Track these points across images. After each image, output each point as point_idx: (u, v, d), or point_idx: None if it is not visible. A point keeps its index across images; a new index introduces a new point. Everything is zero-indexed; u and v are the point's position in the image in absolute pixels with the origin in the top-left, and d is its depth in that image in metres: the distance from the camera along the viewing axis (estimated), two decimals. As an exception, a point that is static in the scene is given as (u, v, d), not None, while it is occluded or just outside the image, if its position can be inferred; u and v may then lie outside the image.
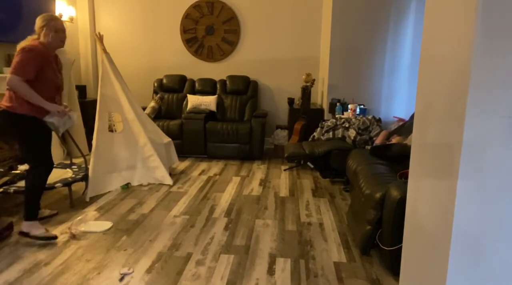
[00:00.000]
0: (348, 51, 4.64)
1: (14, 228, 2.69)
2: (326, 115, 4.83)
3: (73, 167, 3.53)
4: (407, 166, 1.76)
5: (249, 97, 5.34)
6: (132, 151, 3.78)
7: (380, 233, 2.30)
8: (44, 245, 2.51)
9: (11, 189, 2.91)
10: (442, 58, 1.36)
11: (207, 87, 5.40)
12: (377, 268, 2.29)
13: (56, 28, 2.55)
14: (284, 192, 3.68)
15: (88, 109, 5.02)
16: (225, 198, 3.49)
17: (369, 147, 3.47)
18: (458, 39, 1.23)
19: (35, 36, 2.57)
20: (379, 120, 4.05)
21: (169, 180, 3.80)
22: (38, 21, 2.55)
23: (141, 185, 3.75)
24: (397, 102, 4.74)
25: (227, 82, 5.38)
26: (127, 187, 3.68)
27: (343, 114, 4.40)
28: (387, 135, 3.57)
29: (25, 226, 2.51)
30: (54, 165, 3.59)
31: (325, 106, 4.89)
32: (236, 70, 5.52)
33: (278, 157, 5.07)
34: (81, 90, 5.27)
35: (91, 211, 3.09)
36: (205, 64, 5.63)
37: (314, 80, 4.83)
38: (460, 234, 1.23)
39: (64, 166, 3.56)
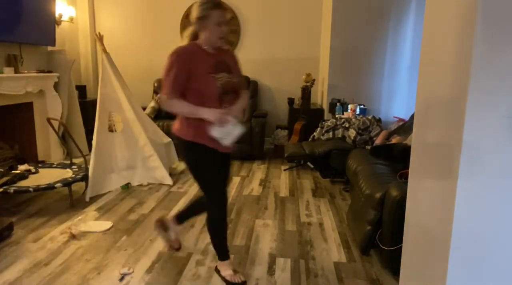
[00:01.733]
0: (348, 51, 4.64)
1: (14, 228, 2.69)
2: (326, 115, 4.83)
3: (73, 167, 3.53)
4: (407, 166, 1.76)
5: (249, 97, 5.33)
6: (132, 151, 3.78)
7: (380, 233, 2.30)
8: (44, 245, 2.51)
9: (11, 189, 2.91)
10: (442, 58, 1.37)
11: (207, 87, 5.38)
12: (377, 268, 2.28)
13: (218, 21, 1.91)
14: (284, 192, 3.68)
15: (88, 109, 5.02)
16: (225, 198, 3.48)
17: (369, 147, 3.47)
18: (458, 39, 1.23)
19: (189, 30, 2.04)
20: (379, 120, 4.05)
21: (169, 180, 3.79)
22: (195, 11, 1.93)
23: (141, 185, 3.75)
24: (397, 102, 4.74)
25: (227, 82, 5.37)
26: (127, 187, 3.68)
27: (343, 114, 4.39)
28: (387, 135, 3.57)
29: (218, 263, 2.21)
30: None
31: (325, 106, 4.89)
32: (236, 70, 5.51)
33: (278, 157, 5.06)
34: (81, 90, 5.27)
35: (91, 211, 3.09)
36: (205, 64, 5.62)
37: (314, 80, 4.83)
38: (460, 234, 1.23)
39: (64, 166, 3.56)
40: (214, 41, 1.94)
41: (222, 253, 2.16)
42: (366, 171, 2.75)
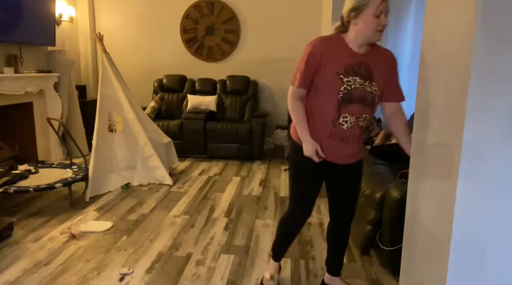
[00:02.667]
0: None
1: (14, 228, 2.69)
2: (326, 115, 4.82)
3: (73, 167, 3.53)
4: (407, 166, 1.76)
5: (249, 97, 5.34)
6: (132, 151, 3.78)
7: (380, 233, 2.30)
8: (44, 245, 2.51)
9: (11, 189, 2.91)
10: (442, 58, 1.36)
11: (207, 87, 5.39)
12: (377, 268, 2.28)
13: (377, 10, 1.57)
14: (284, 192, 3.68)
15: (88, 109, 5.03)
16: (225, 198, 3.48)
17: (369, 147, 3.47)
18: (458, 39, 1.22)
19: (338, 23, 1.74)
20: (379, 120, 4.05)
21: (169, 180, 3.79)
22: (350, 2, 1.62)
23: (141, 185, 3.75)
24: (397, 102, 4.73)
25: (227, 82, 5.38)
26: (127, 187, 3.68)
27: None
28: (387, 135, 3.57)
29: (270, 262, 2.11)
30: (53, 165, 3.60)
31: (325, 106, 4.88)
32: (236, 70, 5.52)
33: (278, 157, 5.06)
34: (81, 90, 5.28)
35: (91, 211, 3.09)
36: (205, 64, 5.63)
37: (314, 80, 4.82)
38: (460, 234, 1.23)
39: (64, 166, 3.56)
40: (370, 35, 1.60)
41: (277, 254, 2.07)
42: (366, 171, 2.74)
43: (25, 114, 4.29)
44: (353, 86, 1.64)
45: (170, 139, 4.24)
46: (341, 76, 1.63)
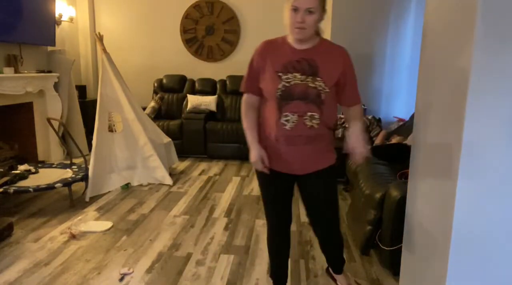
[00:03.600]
0: (348, 51, 4.63)
1: (14, 228, 2.69)
2: (326, 115, 4.82)
3: (73, 167, 3.53)
4: (407, 166, 1.77)
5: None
6: (132, 151, 3.78)
7: (380, 233, 2.30)
8: (44, 245, 2.51)
9: (11, 189, 2.90)
10: (442, 58, 1.36)
11: (207, 87, 5.39)
12: (377, 268, 2.28)
13: (292, 5, 1.50)
14: (284, 192, 3.68)
15: (88, 109, 5.03)
16: (225, 198, 3.48)
17: (369, 147, 3.47)
18: (458, 39, 1.22)
19: None
20: (379, 120, 4.05)
21: (169, 180, 3.79)
22: None
23: (141, 185, 3.75)
24: (397, 102, 4.73)
25: (227, 82, 5.38)
26: (127, 187, 3.68)
27: (343, 114, 4.39)
28: (387, 135, 3.57)
29: None
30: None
31: (325, 106, 4.88)
32: (236, 70, 5.52)
33: (278, 157, 5.06)
34: (81, 90, 5.28)
35: (91, 211, 3.09)
36: (205, 64, 5.63)
37: (314, 80, 4.82)
38: (460, 234, 1.23)
39: (64, 166, 3.56)
40: (291, 31, 1.56)
41: (271, 270, 1.93)
42: (366, 171, 2.75)
43: (25, 114, 4.29)
44: (292, 83, 1.53)
45: (170, 139, 4.24)
46: (280, 74, 1.55)
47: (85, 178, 3.32)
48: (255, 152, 1.62)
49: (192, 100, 5.17)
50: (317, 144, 1.60)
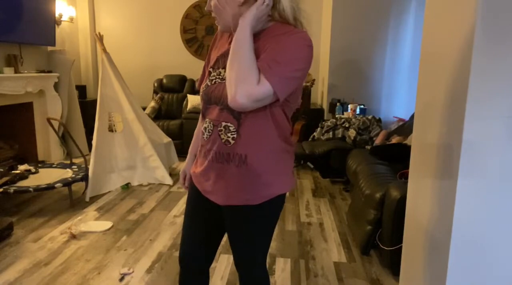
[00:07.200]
0: (348, 51, 4.64)
1: (14, 228, 2.69)
2: (326, 115, 4.83)
3: (73, 167, 3.53)
4: (407, 166, 1.77)
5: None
6: (132, 151, 3.78)
7: (380, 233, 2.30)
8: (44, 245, 2.50)
9: (11, 189, 2.90)
10: (442, 58, 1.36)
11: (207, 87, 5.39)
12: (377, 268, 2.28)
13: None
14: (284, 192, 3.68)
15: (88, 109, 5.03)
16: (225, 198, 3.48)
17: (369, 147, 3.47)
18: (458, 39, 1.22)
19: None
20: (379, 120, 4.05)
21: (169, 180, 3.79)
22: None
23: (141, 185, 3.75)
24: (397, 102, 4.74)
25: (227, 82, 5.37)
26: (127, 187, 3.68)
27: (343, 114, 4.39)
28: (387, 135, 3.57)
29: None
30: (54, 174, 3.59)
31: (325, 106, 4.89)
32: (236, 70, 5.51)
33: (278, 157, 5.06)
34: (81, 90, 5.28)
35: (91, 211, 3.09)
36: (205, 64, 5.63)
37: (314, 80, 4.82)
38: (460, 234, 1.23)
39: (64, 166, 3.56)
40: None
41: None
42: (366, 171, 2.75)
43: (25, 114, 4.29)
44: (213, 81, 1.19)
45: (170, 139, 4.24)
46: (210, 70, 1.24)
47: (85, 178, 3.32)
48: (186, 164, 1.42)
49: (192, 100, 5.17)
50: (240, 166, 1.14)
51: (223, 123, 1.14)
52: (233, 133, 1.13)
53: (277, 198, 1.19)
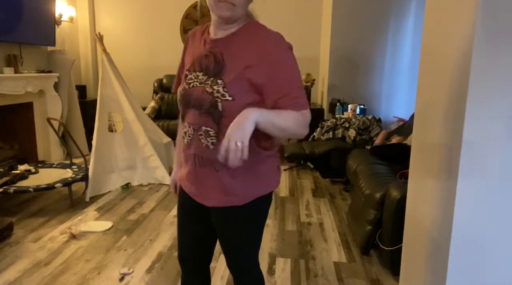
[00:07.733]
0: (348, 51, 4.64)
1: (14, 228, 2.69)
2: (326, 115, 4.83)
3: (73, 167, 3.53)
4: (407, 166, 1.76)
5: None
6: (132, 151, 3.78)
7: (380, 233, 2.30)
8: (44, 245, 2.50)
9: (11, 189, 2.90)
10: (442, 58, 1.36)
11: (207, 87, 5.39)
12: (377, 268, 2.28)
13: None
14: (284, 192, 3.68)
15: (88, 109, 5.03)
16: (225, 198, 3.48)
17: (369, 147, 3.47)
18: (458, 39, 1.22)
19: None
20: (379, 120, 4.05)
21: (169, 180, 3.77)
22: None
23: (141, 185, 3.75)
24: (397, 102, 4.74)
25: (227, 82, 5.38)
26: (127, 187, 3.68)
27: (343, 114, 4.40)
28: (387, 135, 3.57)
29: None
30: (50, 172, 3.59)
31: (325, 106, 4.89)
32: (236, 70, 5.52)
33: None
34: (81, 90, 5.28)
35: (91, 211, 3.09)
36: (205, 64, 5.63)
37: (314, 80, 4.83)
38: (460, 234, 1.23)
39: (64, 166, 3.56)
40: (212, 7, 1.12)
41: None
42: (366, 171, 2.75)
43: (25, 114, 4.29)
44: (191, 85, 1.16)
45: (170, 139, 4.24)
46: (186, 72, 1.21)
47: (85, 178, 3.32)
48: (174, 173, 1.40)
49: (192, 100, 5.17)
50: (222, 170, 1.15)
51: (203, 128, 1.14)
52: (212, 138, 1.14)
53: (262, 197, 1.21)
